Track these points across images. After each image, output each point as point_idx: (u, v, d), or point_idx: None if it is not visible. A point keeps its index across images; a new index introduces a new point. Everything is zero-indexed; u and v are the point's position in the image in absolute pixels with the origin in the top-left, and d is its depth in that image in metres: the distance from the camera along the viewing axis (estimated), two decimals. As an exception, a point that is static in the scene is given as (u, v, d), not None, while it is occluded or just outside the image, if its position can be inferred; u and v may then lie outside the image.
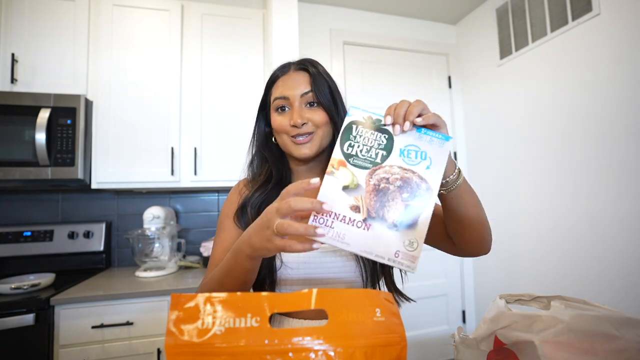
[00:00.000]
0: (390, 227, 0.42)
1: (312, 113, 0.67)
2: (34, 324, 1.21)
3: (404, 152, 0.45)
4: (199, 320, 0.28)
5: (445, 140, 0.46)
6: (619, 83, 1.45)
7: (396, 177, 0.43)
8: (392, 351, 0.31)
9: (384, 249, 0.42)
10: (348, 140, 0.45)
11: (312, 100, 0.68)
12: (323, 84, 0.69)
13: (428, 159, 0.45)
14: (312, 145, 0.68)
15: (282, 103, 0.69)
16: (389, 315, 0.32)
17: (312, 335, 0.28)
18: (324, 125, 0.68)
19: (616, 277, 1.45)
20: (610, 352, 0.35)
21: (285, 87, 0.69)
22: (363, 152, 0.44)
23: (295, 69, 0.71)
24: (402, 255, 0.42)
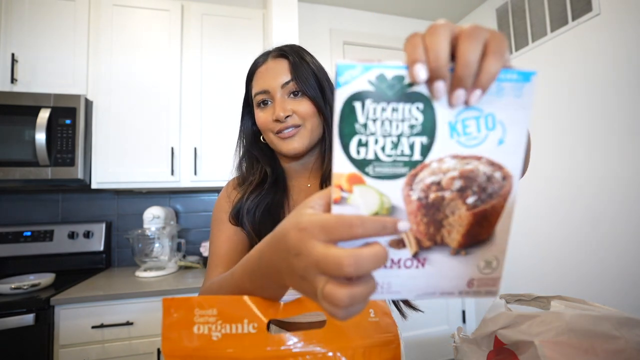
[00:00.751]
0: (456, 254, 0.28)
1: (297, 104, 0.61)
2: (34, 324, 1.21)
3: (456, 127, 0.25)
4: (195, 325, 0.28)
5: (523, 82, 0.26)
6: (618, 83, 1.45)
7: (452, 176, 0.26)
8: (387, 350, 0.31)
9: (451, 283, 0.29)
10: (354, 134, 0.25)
11: (294, 90, 0.61)
12: (306, 71, 0.62)
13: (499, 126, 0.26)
14: (302, 139, 0.61)
15: (263, 97, 0.62)
16: (382, 315, 0.32)
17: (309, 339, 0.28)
18: (311, 116, 0.61)
19: (616, 277, 1.45)
20: (610, 352, 0.35)
21: (264, 79, 0.62)
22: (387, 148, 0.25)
23: (274, 57, 0.64)
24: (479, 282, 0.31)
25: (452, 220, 0.27)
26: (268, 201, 0.62)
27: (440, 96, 0.24)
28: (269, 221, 0.60)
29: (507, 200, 0.27)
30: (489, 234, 0.28)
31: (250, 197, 0.62)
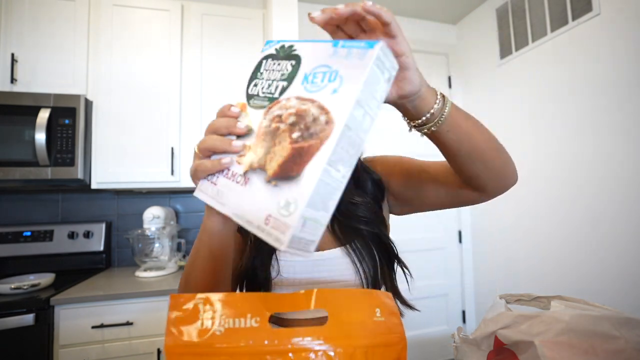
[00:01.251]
0: (268, 182, 0.31)
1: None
2: (34, 324, 1.21)
3: (308, 77, 0.32)
4: (199, 320, 0.28)
5: (367, 49, 0.31)
6: (618, 83, 1.45)
7: (290, 112, 0.32)
8: (392, 351, 0.30)
9: (255, 213, 0.31)
10: (255, 79, 0.37)
11: None
12: None
13: (338, 80, 0.31)
14: None
15: None
16: (388, 315, 0.31)
17: (312, 335, 0.28)
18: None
19: (616, 277, 1.45)
20: (610, 352, 0.35)
21: None
22: (264, 88, 0.35)
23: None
24: (273, 222, 0.29)
25: (277, 149, 0.31)
26: None
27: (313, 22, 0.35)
28: None
29: (323, 143, 0.29)
30: (298, 172, 0.29)
31: None
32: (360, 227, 0.63)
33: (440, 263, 2.30)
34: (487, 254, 2.20)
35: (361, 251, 0.62)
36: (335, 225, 0.65)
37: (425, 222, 2.28)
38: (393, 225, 0.82)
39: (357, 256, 0.62)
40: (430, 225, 2.30)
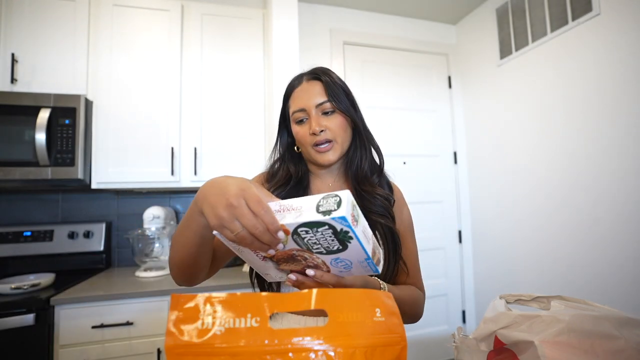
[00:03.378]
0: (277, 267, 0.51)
1: (329, 120, 0.70)
2: (34, 324, 1.21)
3: (338, 261, 0.46)
4: (199, 320, 0.28)
5: (374, 271, 0.47)
6: (619, 83, 1.45)
7: (312, 262, 0.47)
8: (392, 351, 0.30)
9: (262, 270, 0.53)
10: (312, 227, 0.41)
11: (328, 108, 0.71)
12: (338, 91, 0.71)
13: (346, 262, 0.46)
14: (335, 152, 0.71)
15: (301, 116, 0.72)
16: (388, 315, 0.31)
17: (312, 335, 0.28)
18: (342, 130, 0.71)
19: (616, 277, 1.45)
20: (610, 352, 0.35)
21: (301, 99, 0.72)
22: (309, 241, 0.43)
23: (308, 79, 0.74)
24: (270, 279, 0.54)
25: (291, 265, 0.49)
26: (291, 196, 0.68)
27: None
28: None
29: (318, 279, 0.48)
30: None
31: (275, 193, 0.72)
32: (378, 219, 0.70)
33: (440, 263, 2.30)
34: (487, 254, 2.20)
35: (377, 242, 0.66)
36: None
37: (426, 222, 2.29)
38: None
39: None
40: (430, 225, 2.30)
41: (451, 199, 2.36)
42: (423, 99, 2.36)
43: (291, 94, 0.75)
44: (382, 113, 2.26)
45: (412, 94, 2.33)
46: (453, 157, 2.39)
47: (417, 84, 2.35)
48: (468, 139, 2.37)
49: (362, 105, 2.50)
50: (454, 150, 2.39)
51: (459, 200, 2.36)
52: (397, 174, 2.49)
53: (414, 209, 2.49)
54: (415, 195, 2.28)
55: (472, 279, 2.33)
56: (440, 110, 2.39)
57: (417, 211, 2.24)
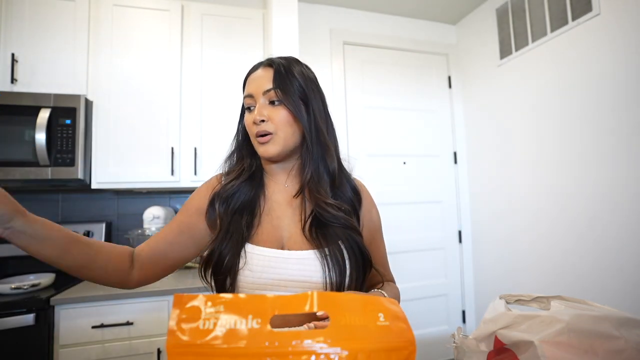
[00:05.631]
0: None
1: (274, 111, 0.65)
2: (34, 324, 1.21)
3: None
4: (201, 320, 0.28)
5: None
6: (618, 83, 1.45)
7: None
8: (398, 356, 0.30)
9: None
10: None
11: (274, 99, 0.65)
12: (289, 80, 0.65)
13: None
14: (275, 145, 0.65)
15: (248, 102, 0.67)
16: (393, 320, 0.31)
17: (313, 337, 0.28)
18: (285, 125, 0.65)
19: (616, 277, 1.45)
20: (610, 352, 0.35)
21: (250, 85, 0.68)
22: None
23: (264, 65, 0.68)
24: None
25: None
26: (244, 197, 0.68)
27: None
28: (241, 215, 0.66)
29: None
30: None
31: (226, 187, 0.68)
32: (336, 233, 0.64)
33: (440, 263, 2.30)
34: (487, 254, 2.20)
35: (332, 256, 0.63)
36: (313, 228, 0.65)
37: (426, 222, 2.29)
38: (393, 225, 0.83)
39: (328, 260, 0.62)
40: (430, 225, 2.30)
41: (451, 199, 2.36)
42: (423, 99, 2.36)
43: (246, 81, 0.70)
44: (382, 113, 2.26)
45: (412, 93, 2.33)
46: (453, 157, 2.39)
47: (417, 84, 2.35)
48: (468, 139, 2.37)
49: (362, 106, 2.48)
50: (454, 150, 2.39)
51: (459, 200, 2.36)
52: (397, 174, 2.47)
53: (414, 209, 2.48)
54: (415, 195, 2.28)
55: (472, 279, 2.33)
56: (440, 110, 2.39)
57: (417, 211, 2.26)
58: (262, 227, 0.67)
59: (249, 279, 0.62)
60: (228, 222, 0.64)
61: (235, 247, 0.62)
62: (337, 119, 2.14)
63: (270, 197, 0.71)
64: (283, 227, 0.68)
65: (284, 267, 0.62)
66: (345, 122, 2.17)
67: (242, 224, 0.65)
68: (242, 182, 0.68)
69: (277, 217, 0.68)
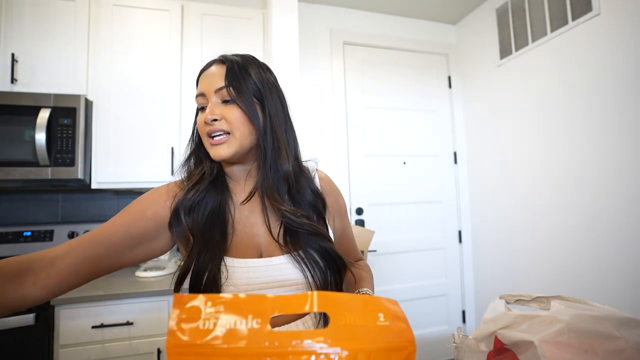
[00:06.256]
0: None
1: (227, 110, 0.61)
2: (34, 324, 1.22)
3: None
4: (201, 320, 0.28)
5: None
6: (618, 83, 1.45)
7: None
8: (398, 356, 0.30)
9: None
10: None
11: (227, 98, 0.61)
12: (243, 79, 0.62)
13: None
14: (230, 146, 0.61)
15: (201, 101, 0.63)
16: (393, 320, 0.31)
17: (313, 337, 0.28)
18: (240, 124, 0.61)
19: (616, 277, 1.45)
20: (610, 352, 0.35)
21: (202, 83, 0.63)
22: None
23: (217, 63, 0.64)
24: None
25: None
26: (212, 204, 0.63)
27: None
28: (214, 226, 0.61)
29: None
30: None
31: (188, 195, 0.62)
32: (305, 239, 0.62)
33: (440, 263, 2.30)
34: (487, 254, 2.20)
35: (310, 258, 0.62)
36: (280, 234, 0.64)
37: (426, 222, 2.29)
38: (393, 225, 0.84)
39: (306, 263, 0.61)
40: (430, 225, 2.30)
41: (451, 199, 2.36)
42: (423, 99, 2.36)
43: (199, 77, 0.66)
44: (382, 113, 2.26)
45: (412, 93, 2.33)
46: (453, 157, 2.39)
47: (417, 84, 2.35)
48: (468, 139, 2.38)
49: (362, 105, 2.47)
50: (454, 150, 2.39)
51: (459, 200, 2.36)
52: (397, 174, 2.47)
53: (414, 209, 2.48)
54: (415, 195, 2.28)
55: (472, 279, 2.33)
56: (440, 110, 2.39)
57: (417, 211, 2.26)
58: (237, 237, 0.63)
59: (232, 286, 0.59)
60: (201, 235, 0.60)
61: (214, 263, 0.58)
62: (337, 119, 2.14)
63: (238, 202, 0.67)
64: (259, 234, 0.65)
65: (267, 275, 0.61)
66: (345, 122, 2.17)
67: (216, 236, 0.60)
68: (205, 188, 0.63)
69: (250, 225, 0.65)
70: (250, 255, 0.62)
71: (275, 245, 0.64)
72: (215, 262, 0.58)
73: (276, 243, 0.63)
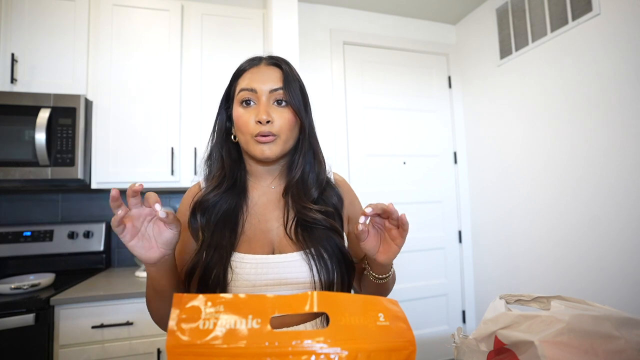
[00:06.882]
0: None
1: (279, 113, 0.63)
2: (34, 324, 1.21)
3: None
4: (201, 320, 0.28)
5: None
6: (618, 83, 1.45)
7: None
8: (398, 356, 0.30)
9: None
10: None
11: (281, 99, 0.63)
12: (295, 84, 0.64)
13: None
14: (276, 147, 0.63)
15: (248, 96, 0.63)
16: (393, 320, 0.31)
17: (313, 337, 0.28)
18: (289, 128, 0.63)
19: (616, 276, 1.45)
20: (610, 352, 0.35)
21: (253, 80, 0.64)
22: None
23: (267, 64, 0.66)
24: None
25: None
26: (226, 206, 0.65)
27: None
28: (225, 225, 0.63)
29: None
30: None
31: (208, 196, 0.65)
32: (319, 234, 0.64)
33: (440, 263, 2.30)
34: (487, 254, 2.20)
35: (320, 256, 0.62)
36: (298, 229, 0.65)
37: (425, 222, 2.29)
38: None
39: (316, 261, 0.62)
40: (430, 225, 2.30)
41: (451, 199, 2.36)
42: (423, 99, 2.36)
43: (243, 73, 0.66)
44: (382, 113, 2.26)
45: (412, 94, 2.33)
46: (453, 157, 2.39)
47: (417, 84, 2.35)
48: (468, 139, 2.37)
49: (362, 106, 2.48)
50: (454, 150, 2.39)
51: (459, 200, 2.36)
52: (397, 174, 2.47)
53: (414, 209, 2.48)
54: (415, 195, 2.28)
55: (472, 279, 2.33)
56: (440, 110, 2.39)
57: (417, 211, 2.26)
58: (249, 233, 0.65)
59: (240, 288, 0.60)
60: (211, 233, 0.62)
61: (222, 259, 0.59)
62: (337, 119, 2.14)
63: (255, 200, 0.68)
64: (272, 230, 0.66)
65: (274, 272, 0.61)
66: (345, 122, 2.17)
67: (226, 233, 0.62)
68: (223, 191, 0.65)
69: (264, 221, 0.66)
70: (262, 251, 0.63)
71: (287, 242, 0.65)
72: (222, 261, 0.59)
73: (289, 239, 0.64)
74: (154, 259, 0.51)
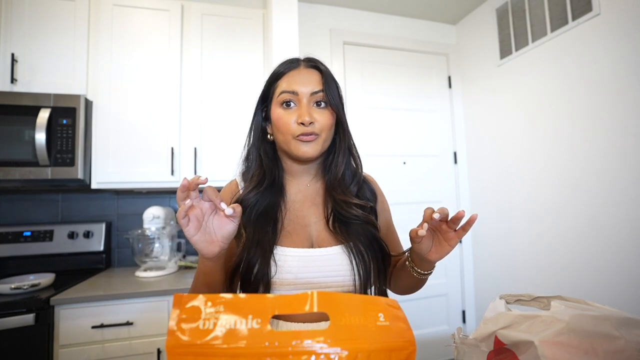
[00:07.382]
0: None
1: (319, 113, 0.66)
2: (34, 324, 1.21)
3: None
4: (201, 320, 0.28)
5: None
6: (618, 83, 1.45)
7: None
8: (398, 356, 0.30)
9: None
10: None
11: (320, 100, 0.66)
12: (333, 85, 0.67)
13: None
14: (316, 146, 0.65)
15: (290, 97, 0.65)
16: (393, 320, 0.31)
17: (313, 337, 0.28)
18: (329, 128, 0.67)
19: (616, 276, 1.45)
20: (610, 352, 0.35)
21: (295, 82, 0.66)
22: None
23: (306, 66, 0.69)
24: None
25: None
26: (265, 203, 0.67)
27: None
28: (266, 221, 0.66)
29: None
30: None
31: (249, 195, 0.67)
32: (356, 229, 0.67)
33: (440, 263, 2.29)
34: (487, 254, 2.20)
35: (358, 250, 0.65)
36: (336, 224, 0.67)
37: (425, 222, 2.28)
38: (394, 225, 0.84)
39: (355, 255, 0.64)
40: (430, 225, 2.29)
41: (451, 199, 2.36)
42: (423, 99, 2.36)
43: (283, 75, 0.68)
44: (382, 113, 2.26)
45: (412, 94, 2.33)
46: (453, 157, 2.39)
47: (417, 84, 2.35)
48: (468, 139, 2.37)
49: (362, 106, 2.47)
50: (454, 150, 2.39)
51: (459, 200, 2.36)
52: (397, 174, 2.47)
53: (414, 209, 2.49)
54: (415, 195, 2.28)
55: (472, 279, 2.33)
56: (440, 110, 2.39)
57: (417, 211, 2.24)
58: (290, 228, 0.67)
59: (285, 282, 0.62)
60: (253, 230, 0.64)
61: (264, 254, 0.61)
62: (337, 119, 2.14)
63: (292, 198, 0.72)
64: (310, 225, 0.69)
65: (316, 265, 0.63)
66: (345, 122, 2.16)
67: (268, 229, 0.64)
68: (262, 191, 0.68)
69: (302, 217, 0.70)
70: (302, 245, 0.66)
71: (326, 236, 0.67)
72: (265, 254, 0.61)
73: (328, 233, 0.67)
74: (215, 253, 0.52)
